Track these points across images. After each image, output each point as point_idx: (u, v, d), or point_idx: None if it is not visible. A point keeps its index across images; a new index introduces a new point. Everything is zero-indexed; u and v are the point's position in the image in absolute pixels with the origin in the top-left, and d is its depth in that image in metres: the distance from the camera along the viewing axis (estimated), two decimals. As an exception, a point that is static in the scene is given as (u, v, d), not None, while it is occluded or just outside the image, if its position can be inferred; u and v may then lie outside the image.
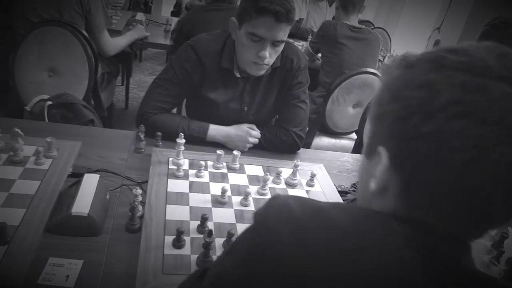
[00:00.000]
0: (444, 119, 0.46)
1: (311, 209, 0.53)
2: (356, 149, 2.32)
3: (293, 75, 1.51)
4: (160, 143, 1.45)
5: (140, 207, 1.06)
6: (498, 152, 0.45)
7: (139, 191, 1.07)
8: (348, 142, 2.67)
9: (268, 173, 1.26)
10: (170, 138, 1.45)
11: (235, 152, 1.36)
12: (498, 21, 1.59)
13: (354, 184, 1.49)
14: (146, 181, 1.24)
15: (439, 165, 0.47)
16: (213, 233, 0.93)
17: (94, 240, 0.99)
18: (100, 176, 1.12)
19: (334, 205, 0.55)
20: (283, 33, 1.33)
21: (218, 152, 1.33)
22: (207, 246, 0.94)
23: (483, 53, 0.49)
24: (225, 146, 1.51)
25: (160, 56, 4.86)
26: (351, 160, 1.71)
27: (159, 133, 1.43)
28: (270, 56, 1.35)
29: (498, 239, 1.15)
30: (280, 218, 0.52)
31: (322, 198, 1.32)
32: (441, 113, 0.47)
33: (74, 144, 1.31)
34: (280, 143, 1.56)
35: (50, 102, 1.89)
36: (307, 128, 1.67)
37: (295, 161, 1.36)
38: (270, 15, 1.27)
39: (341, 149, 2.55)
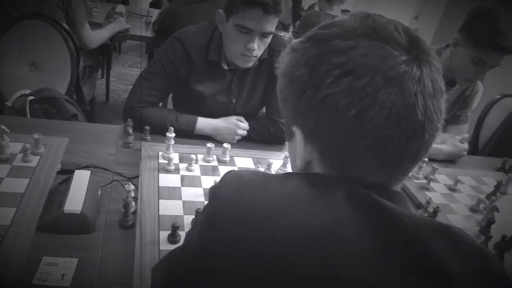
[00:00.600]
0: (329, 84, 0.52)
1: (260, 178, 0.58)
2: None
3: None
4: (149, 137, 1.43)
5: (133, 203, 1.05)
6: (380, 97, 0.51)
7: (132, 186, 1.06)
8: None
9: (259, 165, 1.27)
10: (158, 131, 1.44)
11: (225, 145, 1.35)
12: (479, 10, 1.62)
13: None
14: (137, 176, 1.22)
15: (338, 125, 0.53)
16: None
17: (87, 237, 0.98)
18: (91, 172, 1.10)
19: (281, 174, 0.60)
20: (271, 25, 1.32)
21: (208, 145, 1.33)
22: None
23: (348, 21, 0.57)
24: (213, 138, 1.51)
25: (139, 48, 4.78)
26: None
27: (147, 127, 1.42)
28: (258, 48, 1.35)
29: (485, 224, 1.19)
30: (230, 187, 0.57)
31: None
32: (325, 80, 0.53)
33: (61, 140, 1.28)
34: (269, 135, 1.57)
35: (32, 97, 1.84)
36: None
37: (285, 152, 1.36)
38: (258, 7, 1.26)
39: None
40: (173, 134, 1.29)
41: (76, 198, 0.99)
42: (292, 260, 0.49)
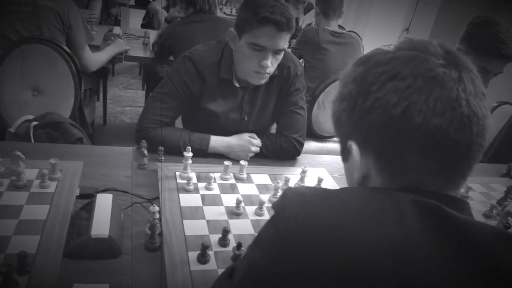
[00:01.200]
0: (377, 89, 0.57)
1: (322, 192, 0.60)
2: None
3: (290, 82, 1.52)
4: (163, 158, 1.42)
5: (158, 225, 1.03)
6: (424, 93, 0.55)
7: (156, 208, 1.04)
8: (334, 145, 2.71)
9: (279, 181, 1.26)
10: (171, 152, 1.43)
11: (242, 162, 1.35)
12: (480, 20, 1.66)
13: (357, 186, 1.51)
14: (156, 198, 1.21)
15: (389, 124, 0.56)
16: (242, 245, 0.92)
17: (115, 261, 0.96)
18: (112, 195, 1.08)
19: (341, 189, 0.62)
20: (284, 42, 1.33)
21: (226, 163, 1.32)
22: (237, 259, 0.92)
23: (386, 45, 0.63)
24: (226, 156, 1.50)
25: (133, 70, 4.78)
26: (350, 163, 1.73)
27: (161, 148, 1.40)
28: (271, 65, 1.35)
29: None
30: (296, 203, 0.57)
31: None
32: (373, 86, 0.57)
33: (76, 164, 1.27)
34: (281, 150, 1.56)
35: (35, 122, 1.82)
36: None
37: (302, 167, 1.36)
38: (271, 25, 1.27)
39: (329, 152, 2.58)
40: (191, 154, 1.28)
41: (101, 222, 0.97)
42: (366, 272, 0.48)
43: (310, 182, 1.39)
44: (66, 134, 1.87)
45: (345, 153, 0.65)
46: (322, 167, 1.57)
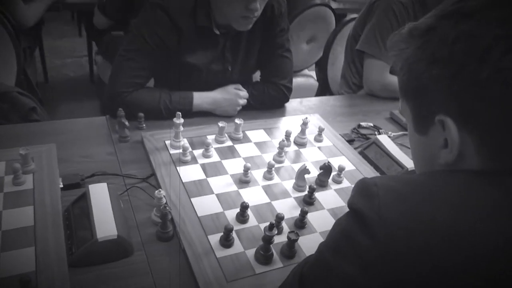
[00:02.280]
0: (498, 57, 0.45)
1: (417, 185, 0.50)
2: (323, 88, 2.27)
3: (275, 22, 1.36)
4: (144, 125, 1.25)
5: (169, 211, 0.90)
6: None
7: (163, 192, 0.91)
8: (313, 82, 2.61)
9: (284, 140, 1.15)
10: (151, 116, 1.27)
11: (237, 121, 1.22)
12: None
13: (354, 129, 1.44)
14: (151, 175, 1.07)
15: (509, 103, 0.46)
16: (274, 226, 0.83)
17: (130, 261, 0.84)
18: (106, 184, 0.93)
19: (436, 176, 0.52)
20: None
21: (221, 124, 1.18)
22: (269, 240, 0.83)
23: None
24: (212, 113, 1.36)
25: (63, 14, 4.26)
26: (338, 103, 1.65)
27: (141, 114, 1.23)
28: (260, 7, 1.18)
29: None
30: (392, 204, 0.47)
31: (334, 152, 1.25)
32: (492, 52, 0.45)
33: (49, 148, 1.08)
34: (269, 99, 1.44)
35: (-24, 97, 1.56)
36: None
37: (303, 118, 1.25)
38: None
39: (309, 89, 2.50)
40: (181, 120, 1.13)
41: (105, 221, 0.84)
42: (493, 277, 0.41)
43: (310, 133, 1.29)
44: (16, 106, 1.62)
45: (422, 126, 0.55)
46: (313, 113, 1.48)
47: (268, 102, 1.45)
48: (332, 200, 1.06)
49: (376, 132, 1.41)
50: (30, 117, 1.65)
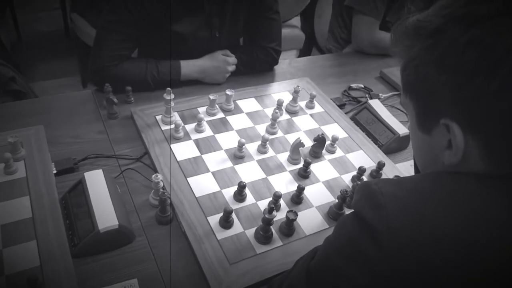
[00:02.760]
0: (509, 70, 0.44)
1: (423, 190, 0.51)
2: (310, 41, 2.21)
3: None
4: (132, 99, 1.22)
5: (168, 196, 0.90)
6: None
7: (160, 176, 0.91)
8: (299, 32, 2.54)
9: (277, 111, 1.14)
10: (138, 89, 1.24)
11: (228, 92, 1.19)
12: None
13: (344, 91, 1.43)
14: (145, 153, 1.06)
15: None
16: (274, 210, 0.84)
17: (132, 248, 0.85)
18: (102, 170, 0.92)
19: (440, 180, 0.52)
20: None
21: (212, 97, 1.16)
22: (269, 222, 0.85)
23: None
24: (201, 81, 1.33)
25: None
26: (328, 62, 1.62)
27: (129, 88, 1.20)
28: None
29: None
30: (399, 212, 0.48)
31: (327, 119, 1.25)
32: (504, 64, 0.44)
33: (37, 131, 1.05)
34: (259, 63, 1.41)
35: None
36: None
37: (294, 86, 1.23)
38: None
39: (295, 40, 2.44)
40: (172, 96, 1.10)
41: (104, 210, 0.84)
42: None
43: (301, 99, 1.28)
44: (-7, 77, 1.56)
45: (426, 125, 0.55)
46: (303, 76, 1.45)
47: (257, 66, 1.42)
48: (327, 172, 1.07)
49: (367, 95, 1.40)
50: (9, 87, 1.59)
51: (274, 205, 0.94)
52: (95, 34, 1.22)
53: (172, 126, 1.10)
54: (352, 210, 0.55)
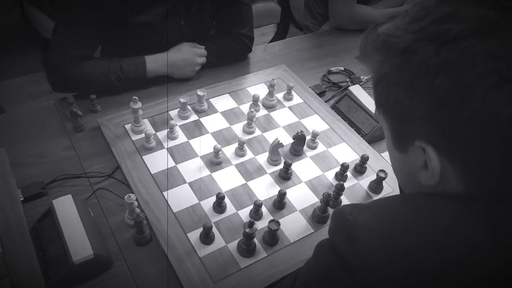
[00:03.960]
0: (483, 94, 0.44)
1: (402, 218, 0.51)
2: (286, 17, 2.18)
3: None
4: (98, 107, 1.21)
5: (143, 217, 0.91)
6: None
7: (133, 196, 0.91)
8: (274, 6, 2.50)
9: (253, 110, 1.14)
10: (101, 90, 1.22)
11: (199, 92, 1.18)
12: None
13: (324, 76, 1.43)
14: (116, 168, 1.06)
15: (498, 142, 0.46)
16: (255, 223, 0.85)
17: (111, 274, 0.86)
18: (71, 195, 0.92)
19: (419, 208, 0.52)
20: None
21: (182, 100, 1.15)
22: (250, 237, 0.86)
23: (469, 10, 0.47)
24: (170, 80, 1.31)
25: None
26: (305, 44, 1.61)
27: (93, 96, 1.18)
28: None
29: None
30: (377, 248, 0.49)
31: (306, 111, 1.25)
32: (478, 89, 0.44)
33: (-2, 155, 1.04)
34: (230, 52, 1.40)
35: None
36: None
37: (270, 80, 1.22)
38: None
39: (270, 15, 2.41)
40: (139, 104, 1.09)
41: (77, 239, 0.84)
42: None
43: (278, 89, 1.28)
44: None
45: (401, 144, 0.55)
46: (279, 63, 1.44)
47: (229, 56, 1.41)
48: (309, 171, 1.08)
49: (347, 79, 1.40)
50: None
51: (256, 214, 0.95)
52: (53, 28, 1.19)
53: (143, 136, 1.09)
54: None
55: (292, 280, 0.64)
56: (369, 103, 1.23)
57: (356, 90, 1.27)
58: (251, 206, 0.96)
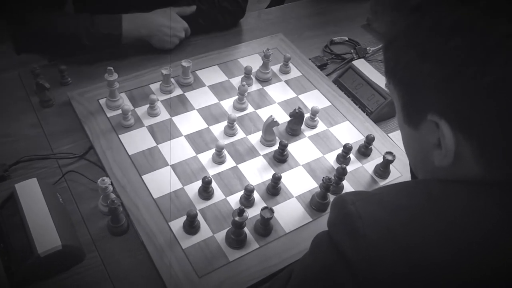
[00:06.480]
0: (507, 59, 0.42)
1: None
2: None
3: None
4: (69, 79, 1.17)
5: (119, 203, 0.88)
6: None
7: (107, 180, 0.88)
8: None
9: (244, 83, 1.11)
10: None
11: (184, 63, 1.14)
12: None
13: (325, 47, 1.40)
14: (89, 148, 1.03)
15: None
16: (245, 211, 0.83)
17: (83, 268, 0.84)
18: (36, 179, 0.89)
19: (429, 198, 0.50)
20: None
21: (164, 72, 1.11)
22: (240, 226, 0.84)
23: None
24: (149, 51, 1.27)
25: None
26: (304, 10, 1.57)
27: (63, 67, 1.14)
28: None
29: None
30: (383, 245, 0.47)
31: (305, 86, 1.22)
32: (500, 53, 0.42)
33: (-46, 132, 1.00)
34: (221, 14, 1.37)
35: None
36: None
37: (264, 50, 1.19)
38: None
39: None
40: (115, 75, 1.05)
41: (43, 228, 0.81)
42: None
43: (274, 61, 1.25)
44: None
45: (413, 119, 0.54)
46: (275, 32, 1.41)
47: (221, 19, 1.37)
48: (307, 152, 1.06)
49: (352, 50, 1.37)
50: None
51: (247, 201, 0.93)
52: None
53: (119, 112, 1.06)
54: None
55: (287, 277, 0.62)
56: (376, 77, 1.21)
57: (361, 63, 1.24)
58: (242, 192, 0.94)
